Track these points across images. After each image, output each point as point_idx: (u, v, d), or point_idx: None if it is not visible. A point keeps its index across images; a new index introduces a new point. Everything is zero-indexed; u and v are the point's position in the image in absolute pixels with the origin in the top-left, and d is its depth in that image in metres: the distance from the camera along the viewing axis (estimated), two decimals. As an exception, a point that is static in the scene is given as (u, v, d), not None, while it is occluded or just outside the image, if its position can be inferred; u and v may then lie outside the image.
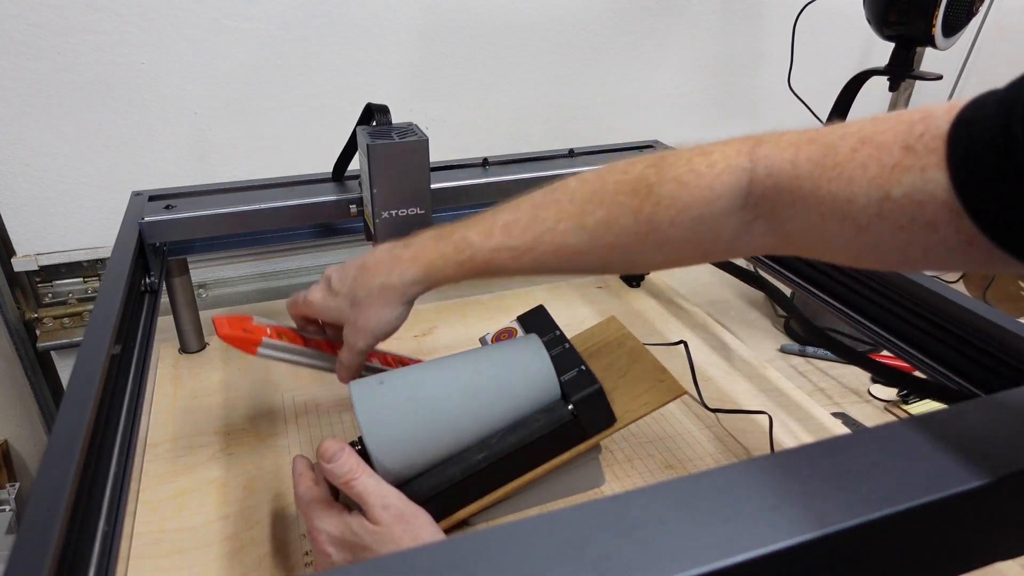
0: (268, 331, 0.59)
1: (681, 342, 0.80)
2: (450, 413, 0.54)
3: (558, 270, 0.51)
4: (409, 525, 0.47)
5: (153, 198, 0.77)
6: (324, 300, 0.58)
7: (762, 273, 0.83)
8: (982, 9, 0.84)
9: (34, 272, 0.93)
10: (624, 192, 0.47)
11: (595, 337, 0.68)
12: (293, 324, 0.63)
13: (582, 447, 0.58)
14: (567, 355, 0.59)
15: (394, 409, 0.53)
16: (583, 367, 0.58)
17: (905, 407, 0.76)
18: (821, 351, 0.86)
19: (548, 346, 0.58)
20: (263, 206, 0.75)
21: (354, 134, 0.74)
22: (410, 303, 0.56)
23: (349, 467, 0.49)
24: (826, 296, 0.69)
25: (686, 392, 0.60)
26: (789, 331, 0.92)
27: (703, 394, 0.75)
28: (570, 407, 0.56)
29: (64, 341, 0.96)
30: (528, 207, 0.51)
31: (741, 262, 0.86)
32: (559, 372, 0.57)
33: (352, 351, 0.57)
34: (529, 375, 0.57)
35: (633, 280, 1.00)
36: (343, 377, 0.59)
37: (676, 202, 0.45)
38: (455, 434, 0.55)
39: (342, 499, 0.52)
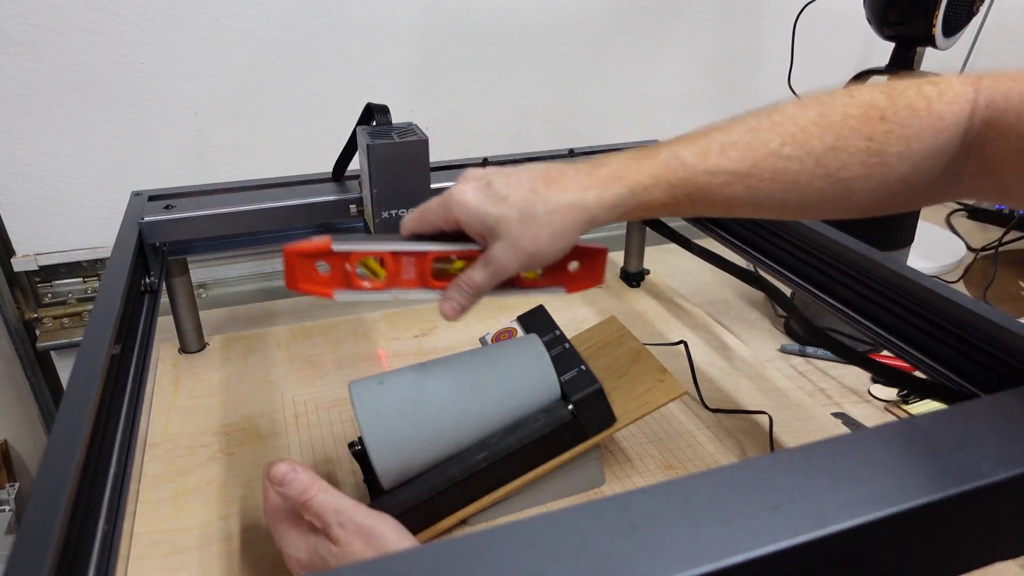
0: (347, 268, 0.50)
1: (681, 342, 0.80)
2: (450, 413, 0.54)
3: (767, 203, 0.45)
4: (371, 537, 0.44)
5: (153, 198, 0.77)
6: (481, 204, 0.46)
7: (762, 273, 0.82)
8: (982, 9, 0.84)
9: (34, 272, 0.93)
10: (854, 116, 0.43)
11: (595, 337, 0.68)
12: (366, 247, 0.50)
13: (582, 447, 0.58)
14: (567, 355, 0.59)
15: (394, 409, 0.53)
16: (583, 367, 0.58)
17: (905, 407, 0.76)
18: (821, 351, 0.86)
19: (548, 346, 0.58)
20: (263, 206, 0.75)
21: (354, 134, 0.74)
22: (585, 232, 0.47)
23: (302, 487, 0.46)
24: (826, 296, 0.69)
25: (686, 392, 0.60)
26: (789, 331, 0.92)
27: (703, 394, 0.75)
28: (570, 407, 0.56)
29: (64, 341, 0.96)
30: (743, 130, 0.45)
31: (741, 262, 0.86)
32: (559, 372, 0.57)
33: (494, 275, 0.47)
34: (529, 375, 0.57)
35: (633, 280, 1.00)
36: (452, 311, 0.49)
37: (907, 130, 0.42)
38: (455, 434, 0.55)
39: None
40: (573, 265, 0.55)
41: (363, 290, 0.50)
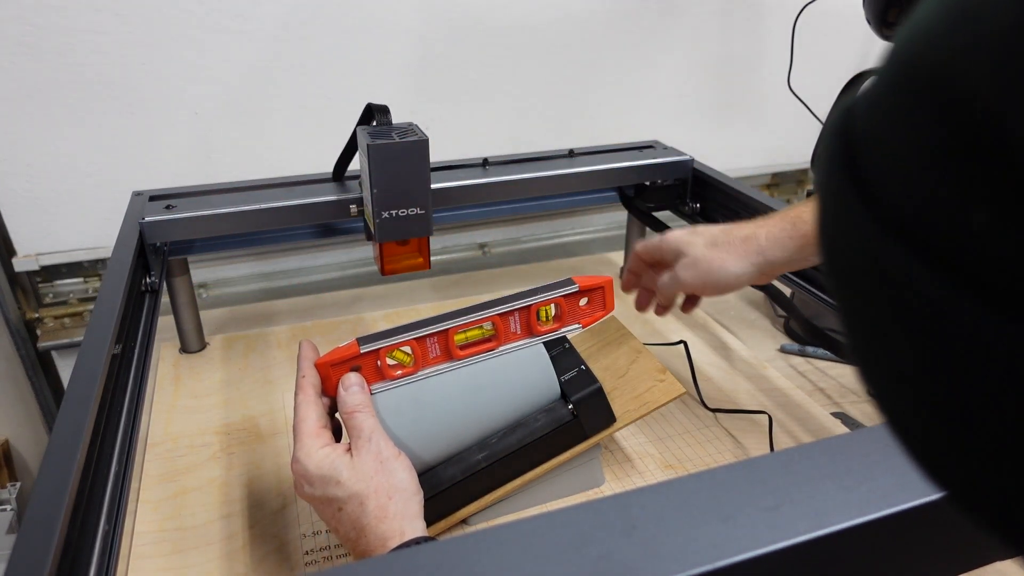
0: (378, 364, 0.54)
1: (681, 342, 0.80)
2: (451, 413, 0.55)
3: None
4: (384, 464, 0.48)
5: (154, 198, 0.77)
6: (679, 234, 0.63)
7: (762, 273, 0.83)
8: (982, 9, 0.84)
9: (35, 272, 0.93)
10: None
11: (595, 337, 0.68)
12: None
13: (582, 447, 0.58)
14: (567, 355, 0.59)
15: (395, 409, 0.53)
16: (583, 367, 0.58)
17: (905, 407, 0.76)
18: (821, 351, 0.86)
19: (548, 346, 0.58)
20: (263, 206, 0.75)
21: (354, 134, 0.74)
22: (759, 264, 0.60)
23: (360, 400, 0.50)
24: (826, 296, 0.70)
25: (685, 392, 0.60)
26: (789, 331, 0.92)
27: (703, 394, 0.75)
28: (570, 407, 0.56)
29: (65, 341, 0.96)
30: None
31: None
32: (559, 372, 0.57)
33: (674, 281, 0.61)
34: (529, 375, 0.57)
35: (633, 280, 1.01)
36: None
37: None
38: (456, 434, 0.55)
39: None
40: (583, 301, 0.59)
41: (397, 379, 0.54)
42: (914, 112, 0.14)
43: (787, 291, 0.81)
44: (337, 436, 0.52)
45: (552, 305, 0.58)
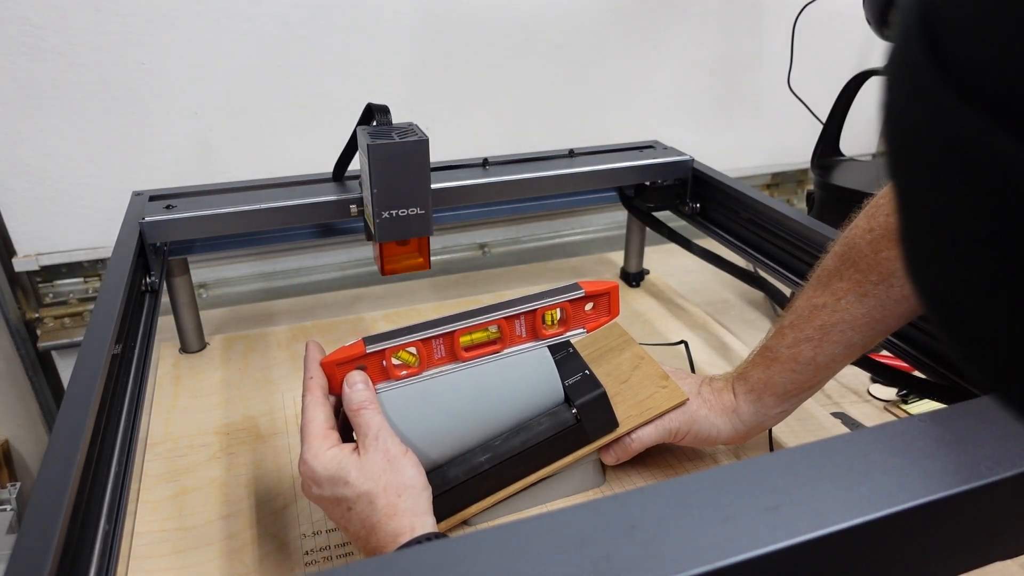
0: (384, 364, 0.54)
1: (682, 342, 0.80)
2: (455, 414, 0.55)
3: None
4: (392, 462, 0.48)
5: (154, 198, 0.77)
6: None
7: (762, 273, 0.83)
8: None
9: (35, 272, 0.93)
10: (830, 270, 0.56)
11: (597, 343, 0.68)
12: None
13: (584, 451, 0.58)
14: (571, 359, 0.59)
15: (400, 409, 0.53)
16: (587, 371, 0.58)
17: (905, 407, 0.76)
18: (821, 351, 0.86)
19: (552, 350, 0.58)
20: (263, 206, 0.75)
21: (354, 134, 0.74)
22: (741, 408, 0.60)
23: (365, 397, 0.51)
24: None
25: (688, 399, 0.60)
26: (789, 331, 0.92)
27: (703, 394, 0.75)
28: (573, 411, 0.56)
29: (65, 341, 0.96)
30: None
31: (741, 262, 0.86)
32: (563, 376, 0.57)
33: (662, 430, 0.60)
34: (533, 378, 0.57)
35: (633, 280, 1.01)
36: (611, 460, 0.61)
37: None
38: (459, 435, 0.55)
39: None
40: (589, 306, 0.59)
41: (401, 379, 0.54)
42: None
43: (787, 291, 0.81)
44: (345, 436, 0.52)
45: (558, 309, 0.58)
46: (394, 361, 0.54)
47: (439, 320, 0.54)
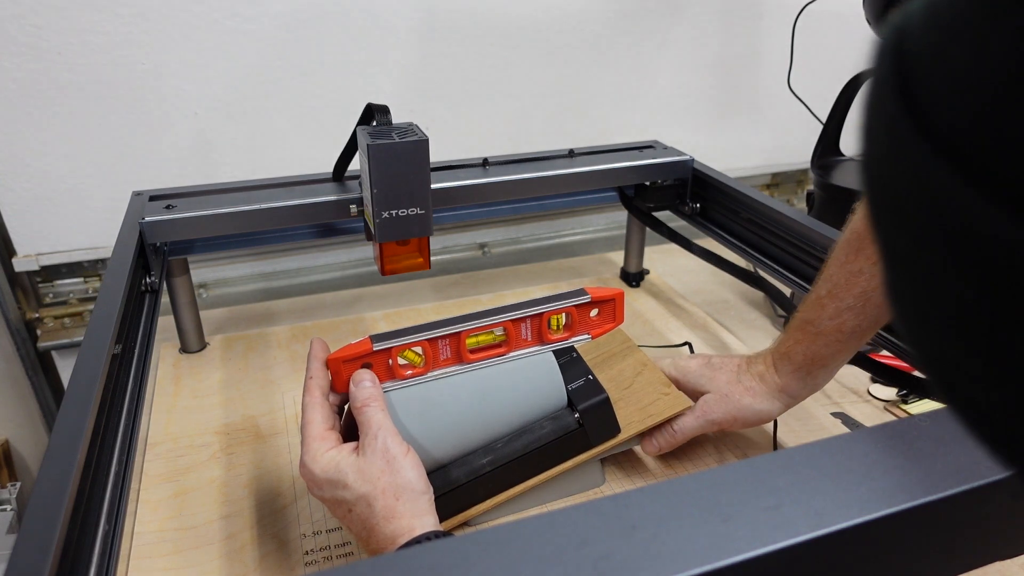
0: (390, 362, 0.54)
1: (686, 343, 0.80)
2: (458, 415, 0.55)
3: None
4: (392, 462, 0.48)
5: (154, 198, 0.77)
6: (701, 368, 0.64)
7: (762, 273, 0.83)
8: (982, 9, 0.84)
9: (35, 272, 0.93)
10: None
11: (601, 348, 0.68)
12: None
13: (586, 456, 0.58)
14: (575, 364, 0.59)
15: (403, 410, 0.53)
16: (590, 376, 0.58)
17: (905, 407, 0.76)
18: (821, 351, 0.86)
19: (556, 355, 0.59)
20: (263, 206, 0.75)
21: (354, 134, 0.74)
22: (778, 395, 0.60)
23: (370, 395, 0.51)
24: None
25: (692, 404, 0.60)
26: (789, 331, 0.92)
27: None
28: (576, 415, 0.56)
29: (65, 341, 0.96)
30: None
31: (741, 262, 0.86)
32: (566, 380, 0.58)
33: (703, 419, 0.60)
34: (537, 382, 0.57)
35: (633, 280, 1.01)
36: (653, 451, 0.62)
37: None
38: (462, 438, 0.55)
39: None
40: (594, 312, 0.60)
41: (406, 379, 0.54)
42: (987, 33, 0.13)
43: (787, 291, 0.81)
44: (352, 435, 0.52)
45: (564, 314, 0.58)
46: (400, 361, 0.54)
47: (445, 321, 0.54)
